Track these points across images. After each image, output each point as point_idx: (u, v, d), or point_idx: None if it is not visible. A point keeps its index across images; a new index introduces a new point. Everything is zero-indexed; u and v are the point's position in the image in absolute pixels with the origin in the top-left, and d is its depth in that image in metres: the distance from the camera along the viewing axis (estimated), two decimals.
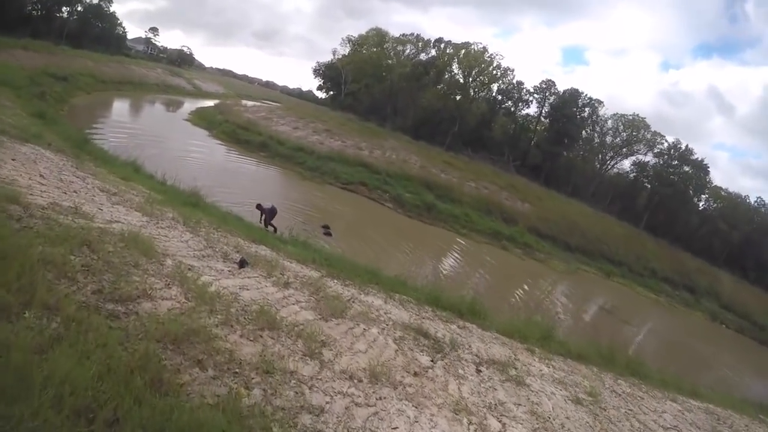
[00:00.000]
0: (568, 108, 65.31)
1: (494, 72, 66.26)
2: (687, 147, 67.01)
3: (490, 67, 65.37)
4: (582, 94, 67.43)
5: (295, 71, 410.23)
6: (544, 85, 68.83)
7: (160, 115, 47.58)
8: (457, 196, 31.19)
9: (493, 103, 69.12)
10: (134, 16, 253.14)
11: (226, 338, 4.64)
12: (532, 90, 68.77)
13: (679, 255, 48.81)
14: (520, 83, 68.74)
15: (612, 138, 70.93)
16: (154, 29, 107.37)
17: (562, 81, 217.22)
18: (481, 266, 22.85)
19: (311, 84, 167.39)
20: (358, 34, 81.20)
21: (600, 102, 68.75)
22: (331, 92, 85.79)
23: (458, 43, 68.86)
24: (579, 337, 14.00)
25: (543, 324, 11.46)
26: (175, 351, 3.95)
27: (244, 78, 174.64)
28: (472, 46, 66.57)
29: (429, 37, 75.50)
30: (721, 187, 70.85)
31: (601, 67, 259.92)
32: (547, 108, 68.30)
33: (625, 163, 72.08)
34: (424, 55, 73.78)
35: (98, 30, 74.21)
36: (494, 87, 68.66)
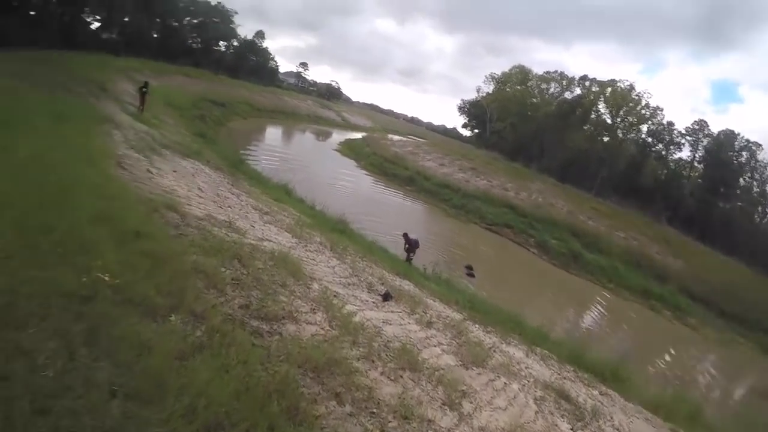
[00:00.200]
0: (723, 152, 61.19)
1: (642, 112, 64.14)
2: None
3: (638, 107, 63.80)
4: (738, 135, 62.66)
5: (439, 108, 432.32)
6: (697, 126, 65.02)
7: (310, 144, 52.02)
8: (604, 247, 29.56)
9: (642, 146, 65.75)
10: (286, 52, 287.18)
11: (367, 374, 4.54)
12: (683, 131, 65.47)
13: None
14: (671, 124, 65.67)
15: None
16: (304, 64, 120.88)
17: (714, 121, 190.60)
18: (625, 325, 20.85)
19: (455, 121, 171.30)
20: (501, 71, 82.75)
21: (758, 145, 63.21)
22: (476, 130, 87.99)
23: (604, 81, 68.18)
24: (729, 423, 12.69)
25: (690, 401, 10.88)
26: (315, 380, 3.91)
27: (389, 113, 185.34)
28: (618, 84, 65.32)
29: (573, 75, 74.92)
30: None
31: (757, 105, 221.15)
32: (701, 152, 64.49)
33: None
34: (569, 94, 73.29)
35: (253, 63, 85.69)
36: (643, 128, 65.94)
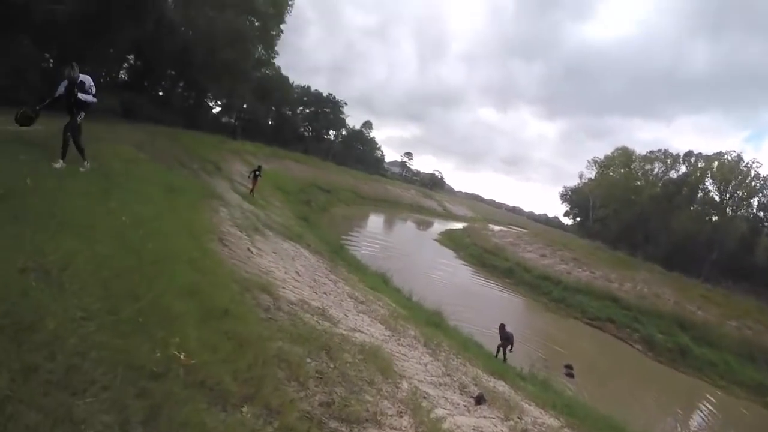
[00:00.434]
0: None
1: (753, 184, 59.44)
2: None
3: (748, 179, 59.50)
4: None
5: (541, 196, 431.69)
6: None
7: (410, 233, 52.57)
8: (715, 339, 26.76)
9: (753, 222, 59.88)
10: (391, 142, 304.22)
11: None
12: None
13: None
14: None
15: None
16: (408, 154, 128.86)
17: None
18: (734, 428, 18.31)
19: (557, 210, 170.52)
20: (603, 155, 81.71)
21: None
22: (578, 218, 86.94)
23: (709, 155, 64.52)
24: None
25: None
26: None
27: (491, 202, 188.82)
28: (725, 156, 61.77)
29: (677, 152, 71.85)
30: None
31: None
32: None
33: None
34: (674, 173, 70.11)
35: (359, 152, 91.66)
36: (753, 202, 60.93)
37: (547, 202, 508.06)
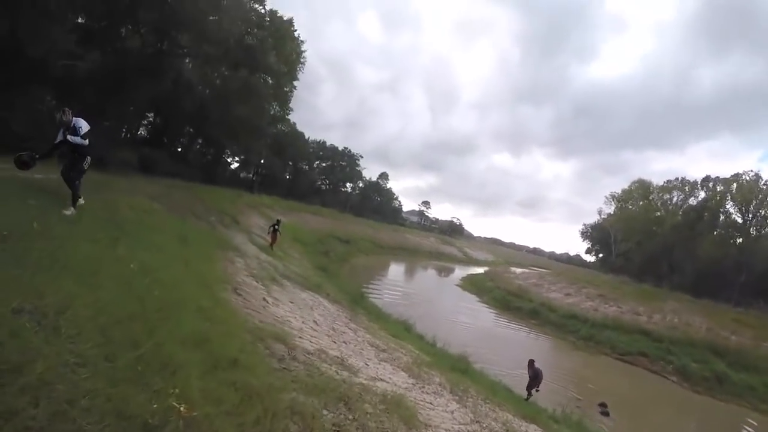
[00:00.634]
0: None
1: None
2: None
3: None
4: None
5: (560, 235, 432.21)
6: None
7: (431, 280, 52.01)
8: (751, 362, 26.09)
9: None
10: (408, 192, 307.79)
11: None
12: None
13: None
14: None
15: None
16: (426, 203, 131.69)
17: None
18: None
19: (578, 248, 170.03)
20: (620, 189, 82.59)
21: None
22: (600, 254, 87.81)
23: (727, 178, 65.25)
24: None
25: None
26: None
27: (510, 245, 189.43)
28: (743, 177, 62.37)
29: (694, 179, 72.23)
30: None
31: None
32: None
33: None
34: (693, 199, 70.63)
35: (377, 203, 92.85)
36: None
37: (567, 240, 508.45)
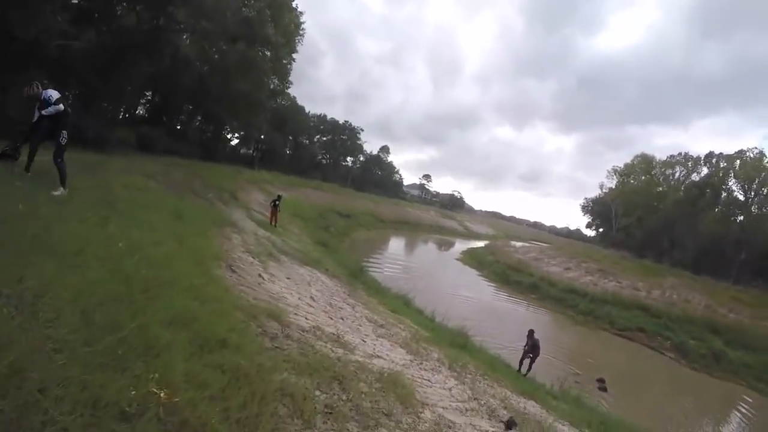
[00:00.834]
0: None
1: None
2: None
3: None
4: None
5: (562, 210, 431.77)
6: None
7: (432, 254, 52.19)
8: (749, 341, 26.65)
9: None
10: (409, 165, 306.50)
11: None
12: None
13: None
14: None
15: None
16: (427, 176, 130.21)
17: None
18: None
19: (579, 222, 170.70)
20: (623, 164, 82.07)
21: None
22: (601, 229, 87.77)
23: (731, 154, 65.90)
24: None
25: None
26: None
27: (511, 219, 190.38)
28: (747, 154, 62.57)
29: (697, 155, 72.69)
30: None
31: None
32: None
33: None
34: (696, 175, 70.66)
35: (378, 176, 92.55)
36: None
37: (568, 215, 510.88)
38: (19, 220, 5.06)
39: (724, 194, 64.31)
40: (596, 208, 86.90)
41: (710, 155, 69.18)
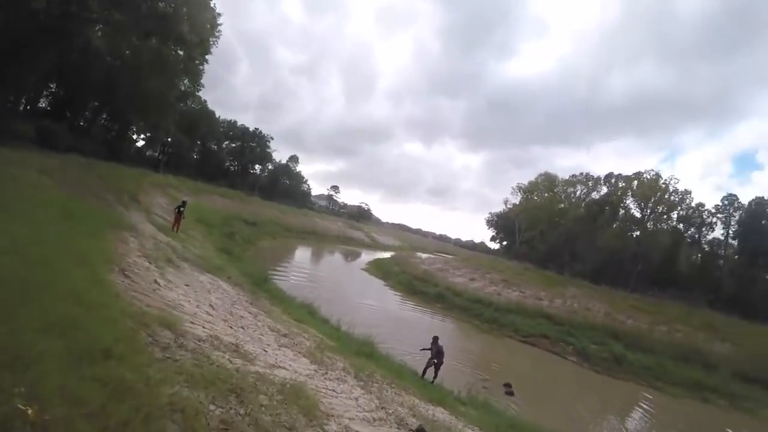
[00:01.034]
0: (756, 222, 60.21)
1: (672, 198, 64.79)
2: None
3: (666, 194, 64.50)
4: None
5: (467, 224, 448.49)
6: (726, 202, 64.75)
7: (338, 264, 51.86)
8: (647, 344, 28.51)
9: (675, 234, 65.03)
10: (319, 176, 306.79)
11: None
12: (713, 210, 65.54)
13: None
14: (701, 205, 66.52)
15: None
16: (335, 187, 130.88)
17: (740, 193, 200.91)
18: (673, 425, 19.17)
19: (483, 235, 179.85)
20: (527, 181, 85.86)
21: None
22: (505, 242, 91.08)
23: (629, 175, 70.38)
24: None
25: None
26: None
27: (418, 232, 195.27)
28: (644, 175, 67.24)
29: (597, 175, 77.45)
30: None
31: None
32: (734, 227, 63.70)
33: None
34: (596, 194, 75.35)
35: (286, 186, 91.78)
36: (673, 215, 66.78)
37: (474, 229, 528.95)
38: None
39: (622, 211, 68.62)
40: (501, 223, 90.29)
41: (610, 176, 73.84)
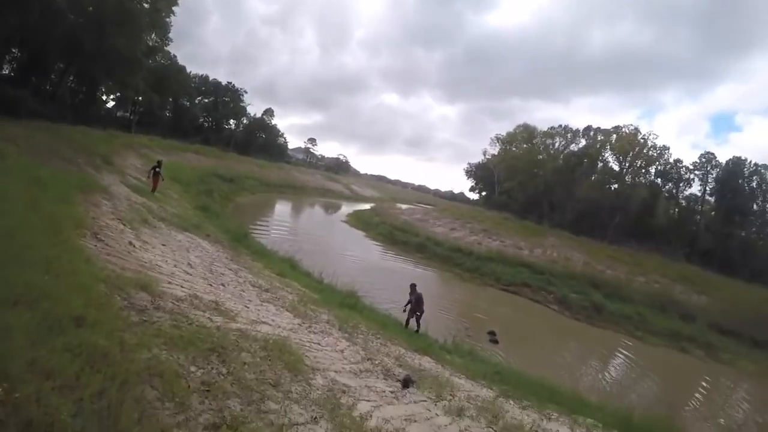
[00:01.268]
0: (733, 180, 61.38)
1: (650, 153, 64.67)
2: None
3: (645, 149, 64.34)
4: (746, 161, 62.48)
5: (446, 175, 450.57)
6: (704, 159, 65.06)
7: (318, 216, 51.85)
8: (626, 294, 29.02)
9: (653, 188, 65.58)
10: (294, 129, 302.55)
11: None
12: (691, 167, 65.71)
13: None
14: (678, 161, 65.73)
15: None
16: (312, 140, 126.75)
17: (717, 152, 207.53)
18: (656, 371, 19.60)
19: (463, 186, 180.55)
20: (506, 132, 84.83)
21: None
22: (484, 192, 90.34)
23: (608, 129, 69.71)
24: None
25: None
26: None
27: (397, 183, 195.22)
28: (623, 129, 66.82)
29: (576, 128, 76.41)
30: None
31: (755, 130, 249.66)
32: (711, 184, 64.43)
33: None
34: (575, 146, 74.85)
35: (262, 140, 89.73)
36: (651, 170, 66.71)
37: (452, 179, 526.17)
38: None
39: (601, 164, 68.34)
40: (479, 173, 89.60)
41: (588, 129, 73.31)
